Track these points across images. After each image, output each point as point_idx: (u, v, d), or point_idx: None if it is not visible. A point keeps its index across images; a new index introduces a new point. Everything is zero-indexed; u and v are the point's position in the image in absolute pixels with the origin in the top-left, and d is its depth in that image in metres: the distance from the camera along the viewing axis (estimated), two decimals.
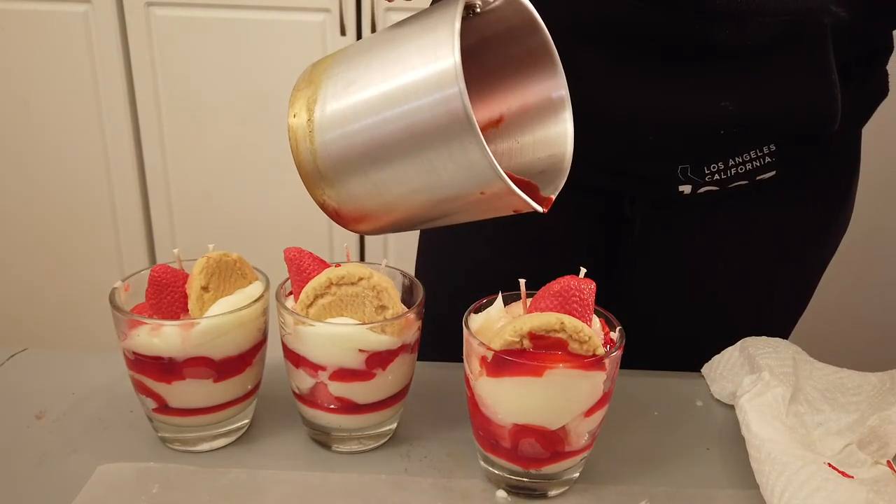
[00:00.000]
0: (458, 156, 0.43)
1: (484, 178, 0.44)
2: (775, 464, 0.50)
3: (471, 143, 0.43)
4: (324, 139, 0.47)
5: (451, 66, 0.42)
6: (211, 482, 0.53)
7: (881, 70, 0.68)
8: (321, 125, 0.47)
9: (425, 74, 0.43)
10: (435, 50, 0.43)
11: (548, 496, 0.53)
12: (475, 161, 0.43)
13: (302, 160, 0.49)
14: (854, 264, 1.60)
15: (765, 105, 0.60)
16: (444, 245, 0.80)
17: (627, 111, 0.62)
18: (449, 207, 0.48)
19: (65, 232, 1.63)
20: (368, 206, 0.49)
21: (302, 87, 0.49)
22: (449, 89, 0.42)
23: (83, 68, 1.48)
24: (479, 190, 0.45)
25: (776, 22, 0.56)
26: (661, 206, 0.71)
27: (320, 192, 0.49)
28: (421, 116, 0.44)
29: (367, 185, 0.47)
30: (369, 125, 0.45)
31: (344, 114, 0.46)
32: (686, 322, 0.75)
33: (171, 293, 0.54)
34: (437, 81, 0.43)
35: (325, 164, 0.48)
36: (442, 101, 0.43)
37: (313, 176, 0.49)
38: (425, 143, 0.44)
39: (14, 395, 0.62)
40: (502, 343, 0.48)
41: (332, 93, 0.47)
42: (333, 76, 0.48)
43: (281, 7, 1.43)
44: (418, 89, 0.43)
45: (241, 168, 1.56)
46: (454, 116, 0.42)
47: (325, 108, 0.47)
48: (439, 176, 0.45)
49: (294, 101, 0.49)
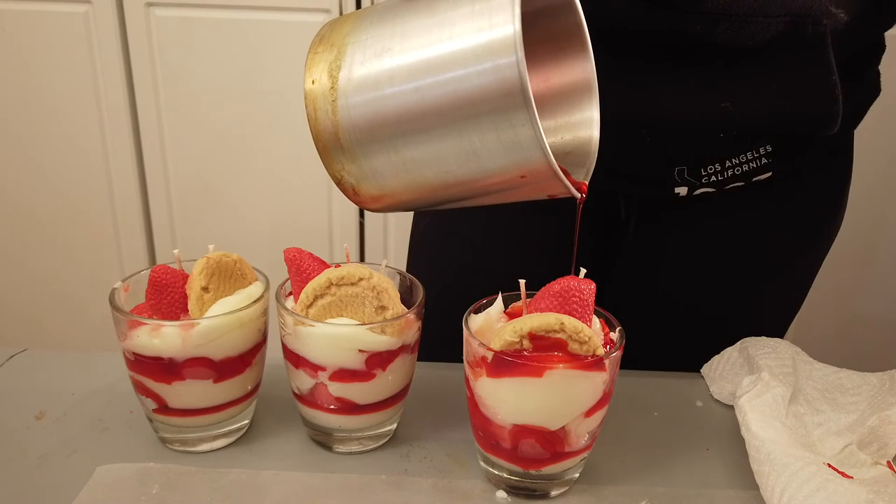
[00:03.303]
0: (505, 133, 0.40)
1: (529, 160, 0.40)
2: (775, 464, 0.50)
3: (522, 119, 0.39)
4: (348, 109, 0.43)
5: (511, 33, 0.38)
6: (211, 483, 0.53)
7: (873, 70, 0.68)
8: (346, 93, 0.43)
9: (477, 41, 0.39)
10: (490, 15, 0.39)
11: (548, 496, 0.53)
12: (524, 140, 0.40)
13: (321, 131, 0.44)
14: (852, 264, 1.60)
15: (765, 106, 0.60)
16: (435, 244, 0.80)
17: (625, 112, 0.62)
18: (481, 188, 0.44)
19: (65, 232, 1.63)
20: (391, 183, 0.45)
21: (321, 51, 0.45)
22: (505, 58, 0.38)
23: (83, 68, 1.48)
24: (521, 173, 0.41)
25: (776, 23, 0.56)
26: (657, 208, 0.71)
27: (339, 167, 0.45)
28: (466, 85, 0.40)
29: (393, 160, 0.43)
30: (402, 93, 0.41)
31: (377, 79, 0.42)
32: (682, 323, 0.75)
33: (171, 294, 0.54)
34: (491, 49, 0.39)
35: (347, 136, 0.44)
36: (493, 70, 0.39)
37: (333, 149, 0.45)
38: (467, 117, 0.40)
39: (14, 395, 0.62)
40: (502, 343, 0.48)
41: (361, 59, 0.43)
42: (361, 41, 0.43)
43: (281, 7, 1.43)
44: (467, 56, 0.39)
45: (241, 168, 1.55)
46: (508, 89, 0.39)
47: (351, 74, 0.43)
48: (478, 154, 0.41)
49: (312, 65, 0.45)
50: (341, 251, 1.59)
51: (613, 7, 0.58)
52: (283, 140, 1.52)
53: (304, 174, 1.54)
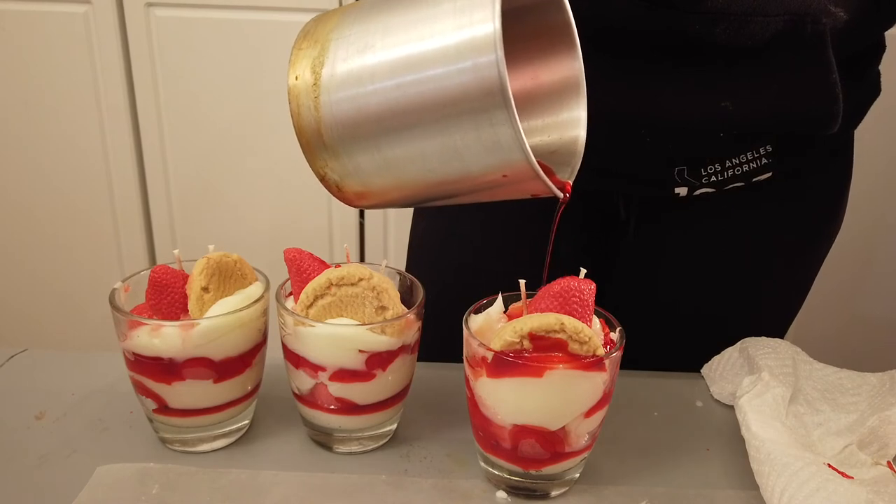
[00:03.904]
0: (485, 132, 0.39)
1: (510, 159, 0.40)
2: (775, 464, 0.50)
3: (502, 119, 0.39)
4: (331, 105, 0.43)
5: (491, 31, 0.38)
6: (211, 483, 0.53)
7: (873, 69, 0.68)
8: (328, 89, 0.43)
9: (458, 38, 0.39)
10: (471, 12, 0.39)
11: (548, 497, 0.53)
12: (504, 140, 0.39)
13: (304, 127, 0.44)
14: (852, 264, 1.60)
15: (765, 106, 0.60)
16: (434, 245, 0.80)
17: (625, 112, 0.62)
18: (464, 187, 0.44)
19: (65, 232, 1.63)
20: (375, 181, 0.45)
21: (305, 47, 0.44)
22: (484, 56, 0.38)
23: (83, 68, 1.48)
24: (503, 172, 0.41)
25: (775, 22, 0.56)
26: (657, 208, 0.71)
27: (322, 163, 0.46)
28: (446, 83, 0.39)
29: (375, 157, 0.43)
30: (384, 90, 0.41)
31: (358, 76, 0.42)
32: (682, 323, 0.75)
33: (171, 294, 0.54)
34: (471, 47, 0.38)
35: (330, 132, 0.44)
36: (473, 69, 0.38)
37: (316, 145, 0.45)
38: (448, 115, 0.40)
39: (14, 395, 0.62)
40: (502, 343, 0.48)
41: (344, 55, 0.42)
42: (344, 37, 0.43)
43: (281, 7, 1.43)
44: (448, 54, 0.39)
45: (241, 168, 1.55)
46: (487, 88, 0.38)
47: (334, 71, 0.43)
48: (459, 153, 0.41)
49: (296, 61, 0.44)
50: (341, 251, 1.58)
51: (613, 7, 0.58)
52: (283, 140, 1.52)
53: (305, 174, 1.52)
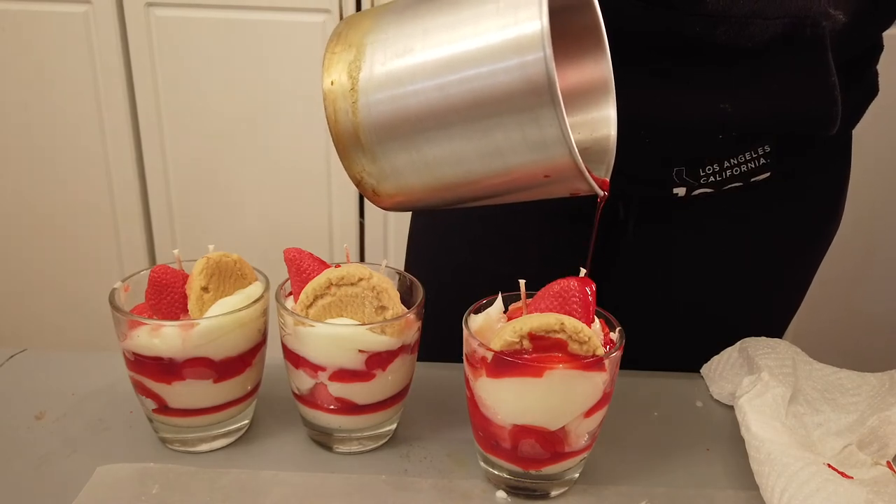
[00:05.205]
0: (530, 132, 0.39)
1: (555, 159, 0.40)
2: (775, 464, 0.50)
3: (548, 117, 0.38)
4: (369, 108, 0.42)
5: (538, 29, 0.37)
6: (211, 483, 0.53)
7: (871, 70, 0.68)
8: (367, 92, 0.42)
9: (504, 37, 0.38)
10: (516, 11, 0.38)
11: (548, 497, 0.53)
12: (550, 139, 0.39)
13: (340, 131, 0.44)
14: (852, 264, 1.60)
15: (764, 107, 0.60)
16: (433, 244, 0.80)
17: (624, 113, 0.62)
18: (501, 187, 0.43)
19: (65, 232, 1.63)
20: (411, 182, 0.44)
21: (339, 51, 0.44)
22: (532, 55, 0.37)
23: (83, 68, 1.48)
24: (545, 172, 0.41)
25: (775, 24, 0.56)
26: (656, 208, 0.71)
27: (359, 168, 0.45)
28: (491, 82, 0.39)
29: (413, 159, 0.43)
30: (425, 92, 0.40)
31: (399, 78, 0.41)
32: (682, 323, 0.75)
33: (171, 294, 0.54)
34: (518, 45, 0.38)
35: (368, 136, 0.43)
36: (520, 67, 0.38)
37: (353, 149, 0.44)
38: (491, 115, 0.39)
39: (14, 395, 0.62)
40: (502, 344, 0.48)
41: (382, 58, 0.42)
42: (381, 40, 0.43)
43: (281, 7, 1.43)
44: (493, 52, 0.38)
45: (241, 168, 1.55)
46: (534, 86, 0.38)
47: (372, 74, 0.42)
48: (501, 153, 0.40)
49: (330, 65, 0.44)
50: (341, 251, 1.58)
51: (612, 7, 0.58)
52: (283, 140, 1.52)
53: (305, 174, 1.54)
